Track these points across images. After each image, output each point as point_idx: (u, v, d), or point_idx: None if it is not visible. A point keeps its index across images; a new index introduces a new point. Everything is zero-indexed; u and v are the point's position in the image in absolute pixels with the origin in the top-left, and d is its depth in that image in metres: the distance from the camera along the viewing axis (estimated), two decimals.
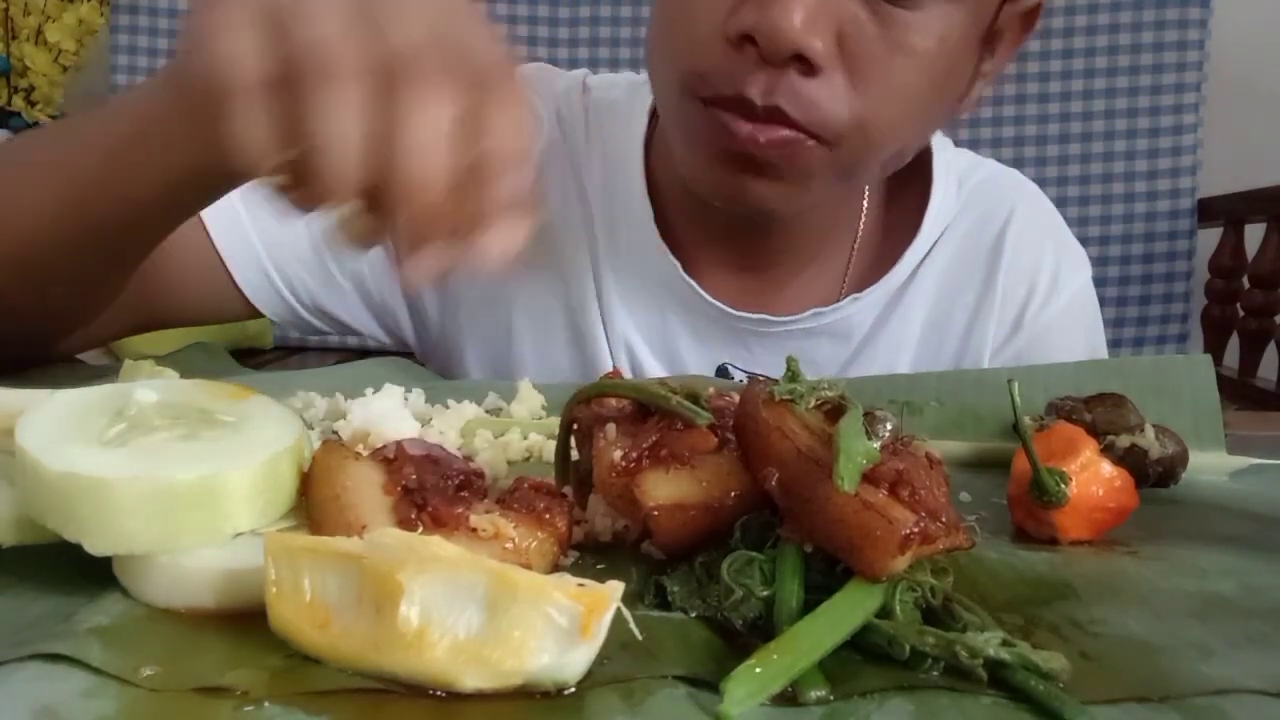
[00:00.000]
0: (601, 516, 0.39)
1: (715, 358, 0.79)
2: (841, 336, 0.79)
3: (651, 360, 0.80)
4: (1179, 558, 0.40)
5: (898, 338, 0.79)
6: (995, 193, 0.83)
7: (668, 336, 0.80)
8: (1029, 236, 0.81)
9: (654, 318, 0.79)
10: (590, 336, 0.79)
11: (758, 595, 0.32)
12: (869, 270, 0.80)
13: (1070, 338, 0.82)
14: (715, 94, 0.61)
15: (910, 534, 0.30)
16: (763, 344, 0.78)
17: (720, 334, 0.79)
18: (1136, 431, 0.47)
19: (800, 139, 0.61)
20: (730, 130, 0.61)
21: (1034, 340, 0.80)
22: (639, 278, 0.78)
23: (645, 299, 0.79)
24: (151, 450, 0.33)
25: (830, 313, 0.78)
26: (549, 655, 0.27)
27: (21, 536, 0.34)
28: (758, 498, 0.35)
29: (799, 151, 0.61)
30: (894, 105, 0.62)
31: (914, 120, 0.66)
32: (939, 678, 0.29)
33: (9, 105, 2.02)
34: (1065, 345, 0.81)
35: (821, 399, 0.35)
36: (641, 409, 0.39)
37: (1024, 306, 0.80)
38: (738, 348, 0.79)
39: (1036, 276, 0.81)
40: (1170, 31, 1.77)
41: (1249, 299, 1.72)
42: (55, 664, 0.28)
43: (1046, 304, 0.81)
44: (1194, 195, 1.79)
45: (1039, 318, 0.81)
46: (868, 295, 0.78)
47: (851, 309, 0.78)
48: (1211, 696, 0.29)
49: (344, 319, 0.83)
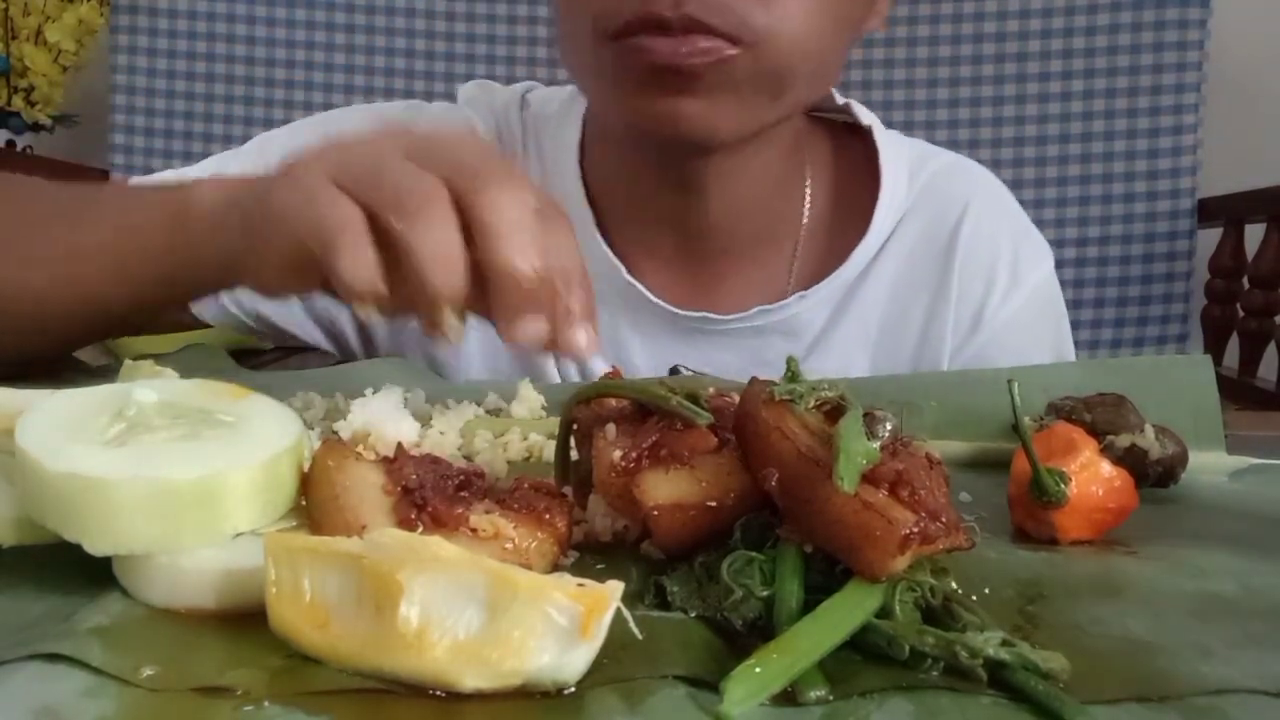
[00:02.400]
0: (601, 516, 0.39)
1: (665, 359, 0.78)
2: (792, 335, 0.78)
3: (600, 363, 0.78)
4: (1179, 558, 0.40)
5: (852, 337, 0.78)
6: (948, 186, 0.81)
7: (617, 340, 0.79)
8: (985, 230, 0.79)
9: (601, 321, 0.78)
10: None
11: (758, 595, 0.32)
12: (818, 266, 0.79)
13: (1034, 332, 0.81)
14: (626, 21, 0.61)
15: (910, 534, 0.30)
16: (712, 343, 0.78)
17: (668, 334, 0.78)
18: (1136, 431, 0.47)
19: (720, 45, 0.60)
20: (649, 50, 0.61)
21: (995, 337, 0.78)
22: None
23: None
24: (151, 450, 0.33)
25: (777, 310, 0.77)
26: (549, 655, 0.27)
27: (21, 536, 0.34)
28: (758, 498, 0.35)
29: (722, 60, 0.61)
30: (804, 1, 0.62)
31: (826, 21, 0.65)
32: (939, 678, 0.29)
33: (9, 105, 2.02)
34: (1029, 340, 0.79)
35: (821, 399, 0.35)
36: (641, 409, 0.39)
37: (982, 304, 0.78)
38: (687, 347, 0.78)
39: (994, 272, 0.78)
40: (1170, 31, 1.77)
41: (1249, 299, 1.72)
42: (55, 664, 0.28)
43: (1006, 299, 0.78)
44: (1194, 195, 1.79)
45: (999, 314, 0.78)
46: (816, 292, 0.77)
47: (799, 306, 0.77)
48: (1211, 696, 0.29)
49: (286, 328, 0.83)
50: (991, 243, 0.79)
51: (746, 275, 0.78)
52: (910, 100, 1.84)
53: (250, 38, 1.95)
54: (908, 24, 1.83)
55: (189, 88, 1.97)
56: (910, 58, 1.84)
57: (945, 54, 1.83)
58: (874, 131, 0.80)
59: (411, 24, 1.94)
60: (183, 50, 1.96)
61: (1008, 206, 0.84)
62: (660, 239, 0.77)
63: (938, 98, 1.84)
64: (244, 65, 1.96)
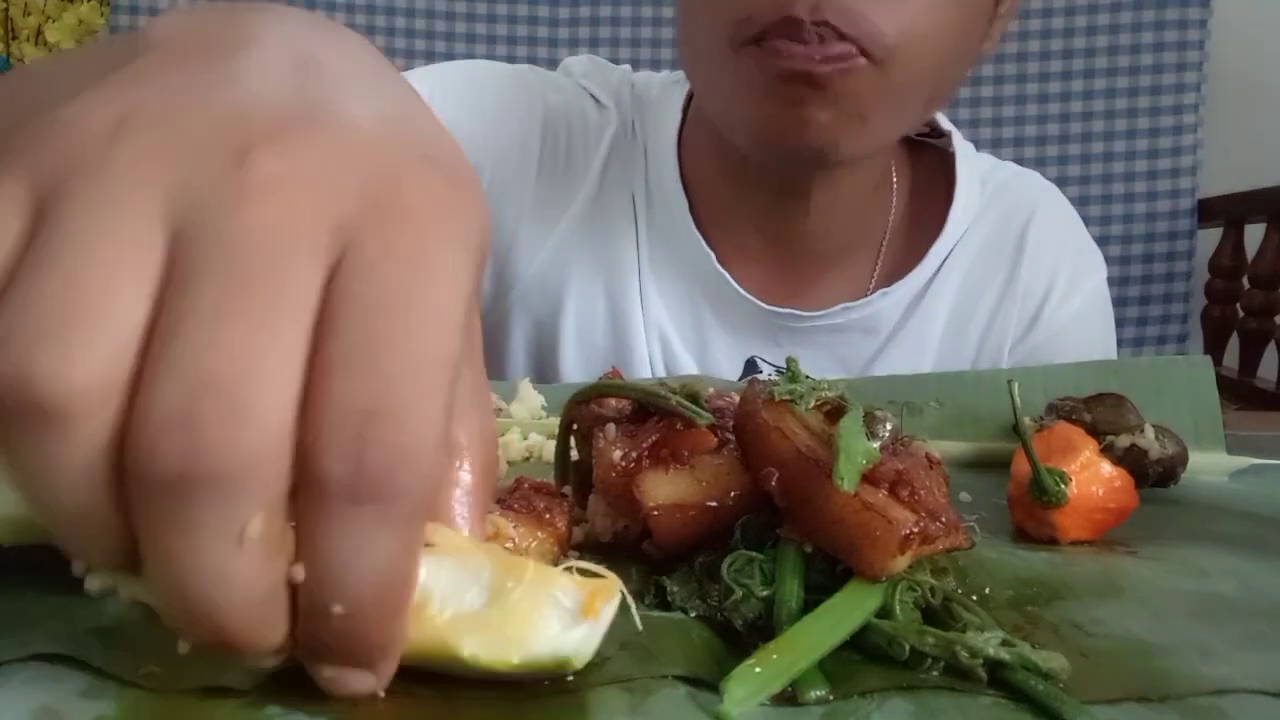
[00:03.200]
0: (601, 516, 0.39)
1: (745, 350, 0.81)
2: (870, 331, 0.81)
3: (682, 350, 0.81)
4: (1179, 558, 0.40)
5: (922, 333, 0.81)
6: (1018, 192, 0.85)
7: (700, 327, 0.81)
8: (1050, 235, 0.83)
9: (687, 307, 0.81)
10: (628, 323, 0.81)
11: (758, 595, 0.32)
12: (896, 265, 0.81)
13: (1084, 336, 0.84)
14: (763, 27, 0.62)
15: (910, 534, 0.30)
16: (792, 338, 0.80)
17: (750, 326, 0.80)
18: (1136, 431, 0.47)
19: (852, 53, 0.62)
20: (784, 54, 0.62)
21: (1049, 338, 0.82)
22: (675, 268, 0.80)
23: (680, 289, 0.81)
24: None
25: (860, 307, 0.79)
26: (551, 628, 0.27)
27: (21, 536, 0.34)
28: (758, 498, 0.35)
29: (852, 70, 0.62)
30: (933, 17, 0.64)
31: (950, 41, 0.66)
32: (939, 678, 0.29)
33: None
34: (1079, 344, 0.83)
35: (821, 399, 0.35)
36: (641, 409, 0.39)
37: (1042, 304, 0.82)
38: (767, 341, 0.80)
39: (1055, 275, 0.83)
40: (1170, 31, 1.77)
41: (1249, 299, 1.72)
42: (55, 664, 0.28)
43: (1064, 303, 0.83)
44: (1194, 195, 1.79)
45: (1055, 316, 0.82)
46: (895, 290, 0.80)
47: (880, 304, 0.80)
48: (1211, 696, 0.29)
49: None
50: (1056, 247, 0.84)
51: (834, 274, 0.81)
52: None
53: None
54: None
55: None
56: None
57: None
58: (953, 137, 0.83)
59: (411, 24, 1.94)
60: None
61: (1070, 215, 0.88)
62: (752, 237, 0.79)
63: None
64: None
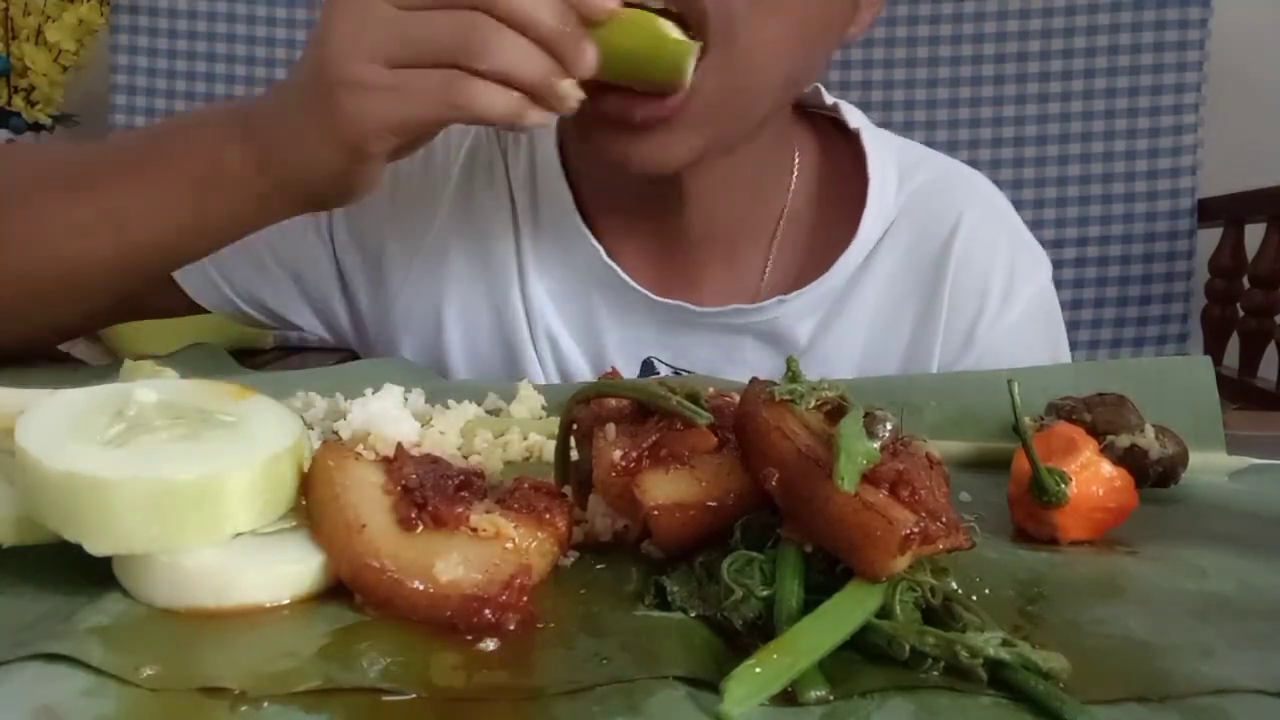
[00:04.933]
0: (601, 516, 0.39)
1: (640, 347, 0.78)
2: (774, 341, 0.77)
3: (574, 350, 0.79)
4: (1179, 558, 0.40)
5: (839, 349, 0.77)
6: (941, 197, 0.78)
7: (593, 325, 0.78)
8: (979, 243, 0.77)
9: (578, 305, 0.78)
10: (515, 327, 0.78)
11: (758, 595, 0.32)
12: (800, 270, 0.77)
13: (1028, 346, 0.78)
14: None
15: (910, 534, 0.30)
16: (690, 336, 0.77)
17: (644, 321, 0.77)
18: (1136, 431, 0.47)
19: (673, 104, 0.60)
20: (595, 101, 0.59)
21: (988, 352, 0.76)
22: (564, 265, 0.78)
23: (570, 287, 0.78)
24: (151, 450, 0.33)
25: (754, 311, 0.75)
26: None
27: (21, 536, 0.34)
28: (758, 498, 0.35)
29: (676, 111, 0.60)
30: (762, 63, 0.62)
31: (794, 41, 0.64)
32: (939, 678, 0.29)
33: (9, 105, 2.02)
34: (1023, 354, 0.76)
35: (821, 399, 0.35)
36: (641, 409, 0.39)
37: (975, 320, 0.76)
38: (665, 337, 0.77)
39: (988, 287, 0.76)
40: (1170, 31, 1.77)
41: (1249, 299, 1.72)
42: (55, 664, 0.28)
43: (1001, 314, 0.76)
44: (1194, 195, 1.79)
45: (993, 329, 0.76)
46: (798, 297, 0.75)
47: (778, 311, 0.75)
48: (1211, 696, 0.29)
49: (281, 312, 0.83)
50: (985, 258, 0.77)
51: (725, 269, 0.78)
52: (910, 100, 1.84)
53: (250, 38, 1.95)
54: (908, 24, 1.83)
55: (189, 88, 1.96)
56: (910, 58, 1.84)
57: (945, 54, 1.83)
58: (861, 134, 0.78)
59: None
60: (183, 50, 1.95)
61: (1003, 217, 0.81)
62: (639, 225, 0.77)
63: (938, 98, 1.84)
64: (244, 65, 1.96)
